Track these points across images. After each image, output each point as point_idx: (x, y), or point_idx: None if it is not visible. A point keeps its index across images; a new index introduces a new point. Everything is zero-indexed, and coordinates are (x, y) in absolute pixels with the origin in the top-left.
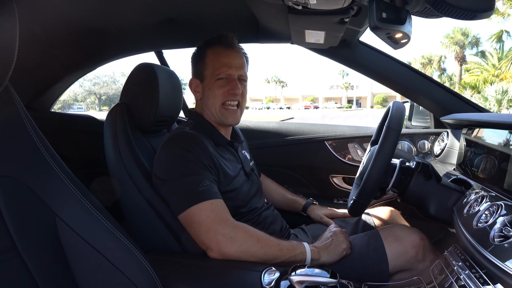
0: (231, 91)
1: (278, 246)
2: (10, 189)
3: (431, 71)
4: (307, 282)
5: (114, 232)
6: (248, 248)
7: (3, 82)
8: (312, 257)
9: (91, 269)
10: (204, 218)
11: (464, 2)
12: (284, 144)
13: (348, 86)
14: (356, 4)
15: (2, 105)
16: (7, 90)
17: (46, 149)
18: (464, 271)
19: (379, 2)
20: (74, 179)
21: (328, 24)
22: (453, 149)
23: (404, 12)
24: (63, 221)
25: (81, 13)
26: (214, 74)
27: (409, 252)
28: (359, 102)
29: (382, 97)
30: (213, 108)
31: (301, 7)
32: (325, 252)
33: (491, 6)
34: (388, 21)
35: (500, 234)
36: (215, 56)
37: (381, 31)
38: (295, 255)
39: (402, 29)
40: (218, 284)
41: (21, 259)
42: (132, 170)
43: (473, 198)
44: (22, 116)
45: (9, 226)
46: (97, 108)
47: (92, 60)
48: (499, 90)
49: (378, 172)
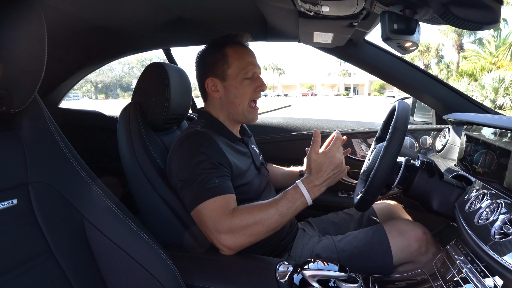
0: (259, 88)
1: (277, 212)
2: (43, 194)
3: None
4: (319, 276)
5: (137, 231)
6: (251, 233)
7: (33, 93)
8: (312, 198)
9: (117, 267)
10: (208, 217)
11: (472, 15)
12: (290, 139)
13: (346, 73)
14: (366, 10)
15: (32, 115)
16: (35, 100)
17: (72, 154)
18: (466, 265)
19: (391, 14)
20: (97, 181)
21: (337, 27)
22: (454, 145)
23: (414, 23)
24: (90, 221)
25: (91, 12)
26: (240, 73)
27: (412, 245)
28: (357, 89)
29: (379, 85)
30: (241, 106)
31: (313, 13)
32: (325, 184)
33: (496, 19)
34: (399, 32)
35: (500, 231)
36: (238, 55)
37: (393, 41)
38: (296, 206)
39: (412, 39)
40: (235, 280)
41: (56, 261)
42: (146, 168)
43: (474, 195)
44: (49, 124)
45: (43, 229)
46: (93, 97)
47: (100, 57)
48: (496, 78)
49: (385, 171)
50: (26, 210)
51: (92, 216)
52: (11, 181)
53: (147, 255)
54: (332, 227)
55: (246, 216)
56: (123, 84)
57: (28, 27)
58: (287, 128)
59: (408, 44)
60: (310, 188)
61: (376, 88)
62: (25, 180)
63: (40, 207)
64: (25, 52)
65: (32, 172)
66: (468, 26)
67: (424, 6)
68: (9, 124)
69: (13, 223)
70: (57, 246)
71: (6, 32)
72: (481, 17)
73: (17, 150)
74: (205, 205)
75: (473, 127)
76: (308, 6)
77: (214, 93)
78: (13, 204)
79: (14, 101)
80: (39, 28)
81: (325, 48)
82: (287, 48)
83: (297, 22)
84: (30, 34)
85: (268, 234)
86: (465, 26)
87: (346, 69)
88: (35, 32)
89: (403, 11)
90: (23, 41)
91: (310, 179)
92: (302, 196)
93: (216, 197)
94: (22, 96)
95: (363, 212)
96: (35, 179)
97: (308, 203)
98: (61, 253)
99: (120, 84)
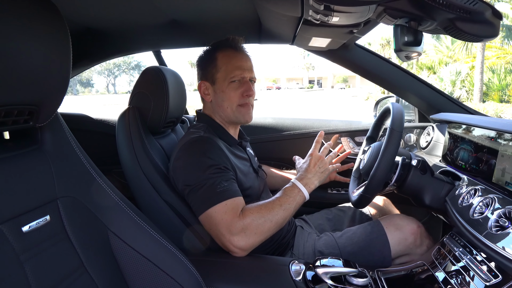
0: (245, 93)
1: (281, 207)
2: (71, 208)
3: (389, 52)
4: (331, 273)
5: (160, 239)
6: (262, 231)
7: (56, 110)
8: (308, 191)
9: (143, 277)
10: (219, 221)
11: (475, 29)
12: (280, 139)
13: (309, 67)
14: (371, 19)
15: (54, 130)
16: (56, 116)
17: (91, 165)
18: (466, 256)
19: (403, 27)
20: (117, 192)
21: (336, 33)
22: (438, 142)
23: (420, 34)
24: (114, 233)
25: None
26: (227, 76)
27: (408, 239)
28: (320, 83)
29: (342, 78)
30: (229, 109)
31: (320, 22)
32: (315, 178)
33: (496, 33)
34: (409, 44)
35: (497, 224)
36: (227, 59)
37: (403, 53)
38: (297, 201)
39: (418, 50)
40: (254, 281)
41: (89, 275)
42: (149, 172)
43: (464, 190)
44: (69, 139)
45: (75, 245)
46: (69, 94)
47: (87, 59)
48: (453, 71)
49: (385, 170)
50: (58, 226)
51: (116, 227)
52: (42, 197)
53: (171, 263)
54: (327, 223)
55: (256, 215)
56: (83, 79)
57: (56, 40)
58: (277, 128)
59: (415, 54)
60: (304, 183)
61: (339, 81)
62: (54, 195)
63: (70, 222)
64: (53, 66)
65: (60, 186)
66: (468, 38)
67: (430, 20)
68: (33, 138)
69: (49, 241)
70: (89, 261)
71: (36, 46)
72: (483, 31)
73: (44, 165)
74: (216, 208)
75: (458, 126)
76: (318, 16)
77: (206, 96)
78: (47, 221)
79: (41, 116)
80: (65, 40)
81: (316, 50)
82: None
83: (295, 27)
84: (58, 47)
85: (275, 231)
86: (466, 38)
87: (310, 63)
88: (62, 44)
89: (409, 23)
90: (52, 55)
91: (301, 175)
92: (300, 191)
93: (227, 200)
94: (49, 111)
95: (361, 209)
96: (63, 194)
97: (306, 197)
98: (92, 267)
99: (80, 79)
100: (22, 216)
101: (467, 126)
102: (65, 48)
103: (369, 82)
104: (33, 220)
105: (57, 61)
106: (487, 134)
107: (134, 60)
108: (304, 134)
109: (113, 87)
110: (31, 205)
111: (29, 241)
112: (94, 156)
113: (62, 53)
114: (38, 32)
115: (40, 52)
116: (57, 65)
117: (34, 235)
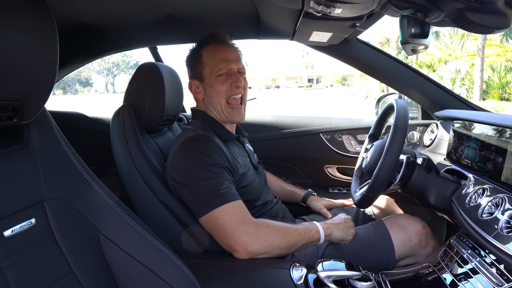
0: (234, 84)
1: (296, 231)
2: (59, 210)
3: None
4: (334, 276)
5: (153, 242)
6: (272, 242)
7: (42, 106)
8: (325, 233)
9: (136, 281)
10: (227, 221)
11: (486, 20)
12: (280, 137)
13: (308, 65)
14: (374, 12)
15: (42, 128)
16: (43, 113)
17: (82, 165)
18: (475, 259)
19: (409, 18)
20: (108, 192)
21: (338, 27)
22: (443, 140)
23: (427, 26)
24: (105, 236)
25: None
26: (214, 71)
27: (413, 239)
28: (319, 81)
29: (341, 76)
30: (219, 106)
31: (321, 14)
32: (336, 228)
33: (508, 24)
34: (415, 36)
35: (508, 225)
36: (211, 53)
37: (409, 45)
38: (312, 235)
39: (425, 42)
40: (251, 284)
41: (78, 281)
42: (145, 172)
43: (472, 190)
44: (58, 137)
45: (63, 249)
46: (68, 93)
47: (82, 56)
48: (453, 69)
49: (389, 168)
50: (45, 230)
51: (108, 230)
52: (28, 199)
53: (165, 267)
54: None
55: (271, 225)
56: (82, 79)
57: (42, 34)
58: (277, 126)
59: (422, 47)
60: (325, 227)
61: (338, 80)
62: (40, 197)
63: (58, 225)
64: (39, 61)
65: (47, 187)
66: (478, 30)
67: (437, 10)
68: (18, 137)
69: (35, 245)
70: (78, 266)
71: (21, 40)
72: (494, 22)
73: (30, 165)
74: (223, 209)
75: (463, 123)
76: (320, 8)
77: (197, 94)
78: (32, 224)
79: (26, 112)
80: (52, 35)
81: (317, 46)
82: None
83: (295, 21)
84: (44, 41)
85: (282, 251)
86: (476, 30)
87: (309, 61)
88: (48, 39)
89: (415, 14)
90: (37, 50)
91: (326, 224)
92: (317, 228)
93: (234, 202)
94: (34, 107)
95: (364, 209)
96: (50, 195)
97: (321, 236)
98: (82, 273)
99: (79, 79)
100: (4, 220)
101: (473, 123)
102: (52, 42)
103: (368, 80)
104: (17, 223)
105: (43, 56)
106: (494, 131)
107: (133, 59)
108: (304, 132)
109: (112, 86)
110: (15, 207)
111: (11, 246)
112: (89, 156)
113: (49, 47)
114: (21, 23)
115: (23, 46)
116: (43, 59)
117: (18, 240)
